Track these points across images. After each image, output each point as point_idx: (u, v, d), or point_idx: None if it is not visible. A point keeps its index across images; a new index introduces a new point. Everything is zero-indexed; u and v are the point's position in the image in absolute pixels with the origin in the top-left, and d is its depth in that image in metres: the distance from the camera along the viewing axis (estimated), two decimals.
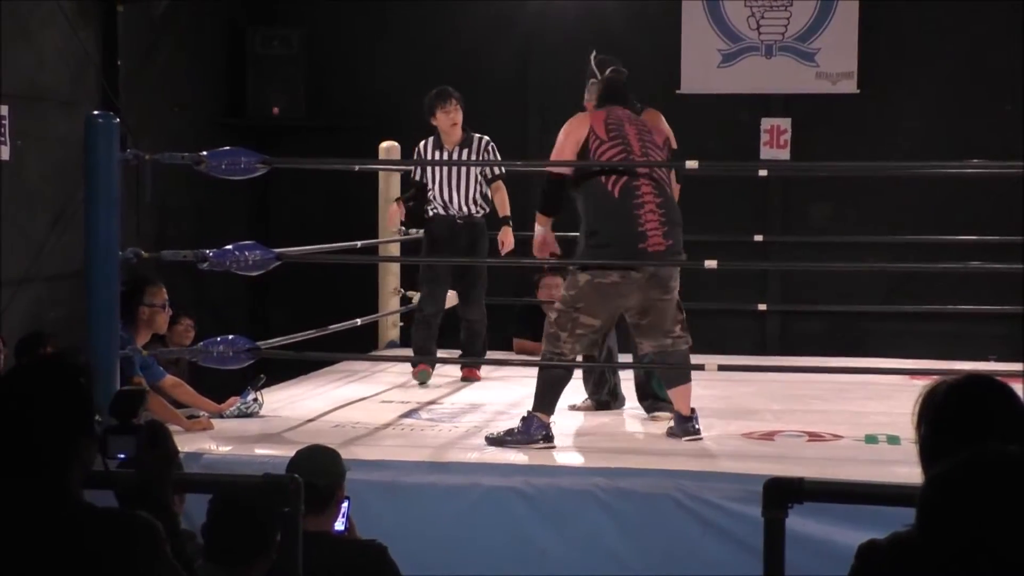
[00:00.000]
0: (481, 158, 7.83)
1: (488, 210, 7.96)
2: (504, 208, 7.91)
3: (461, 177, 7.87)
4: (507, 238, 7.85)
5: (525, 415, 6.00)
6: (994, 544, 1.53)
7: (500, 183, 7.91)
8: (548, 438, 5.93)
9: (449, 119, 7.77)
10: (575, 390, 6.86)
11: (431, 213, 7.97)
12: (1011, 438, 2.33)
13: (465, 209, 7.88)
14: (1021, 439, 2.36)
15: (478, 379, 8.00)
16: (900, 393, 6.44)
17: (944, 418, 2.38)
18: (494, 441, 5.95)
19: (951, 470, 1.61)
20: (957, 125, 9.96)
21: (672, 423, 6.18)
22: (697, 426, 6.10)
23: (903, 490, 1.85)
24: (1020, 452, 1.63)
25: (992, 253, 9.30)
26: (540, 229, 6.39)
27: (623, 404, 6.97)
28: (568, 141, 6.12)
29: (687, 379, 6.12)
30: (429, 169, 7.92)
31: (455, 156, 7.83)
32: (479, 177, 7.89)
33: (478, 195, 7.89)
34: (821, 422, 6.58)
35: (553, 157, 6.20)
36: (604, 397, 6.97)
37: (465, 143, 7.84)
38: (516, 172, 8.62)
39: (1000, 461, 1.60)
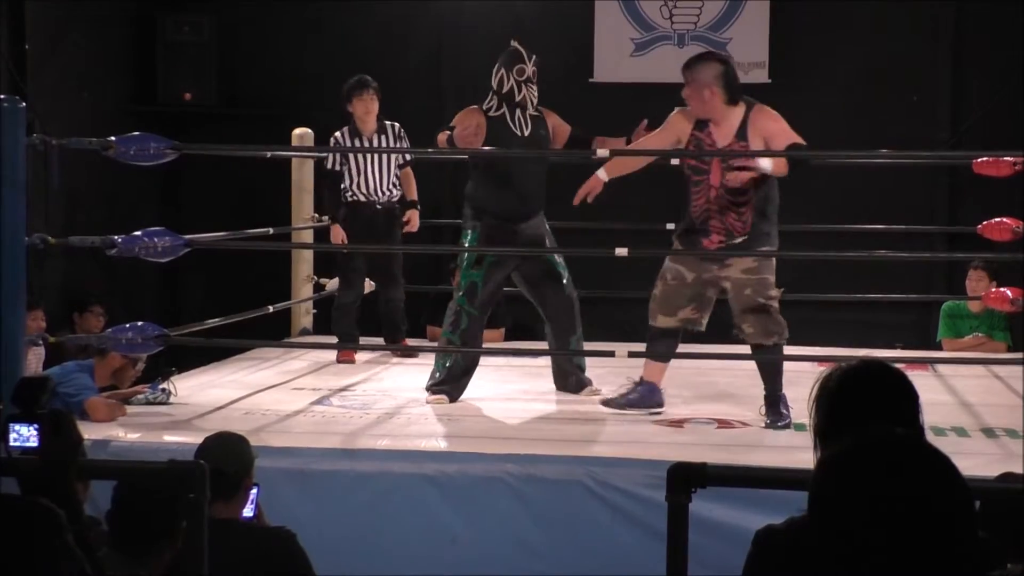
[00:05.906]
0: (397, 144, 8.15)
1: (400, 194, 8.27)
2: (413, 192, 8.31)
3: (382, 164, 8.17)
4: (414, 219, 8.25)
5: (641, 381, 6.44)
6: (879, 524, 1.56)
7: (409, 169, 8.31)
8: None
9: (364, 107, 8.09)
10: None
11: (350, 199, 8.12)
12: (900, 421, 2.38)
13: (384, 194, 8.17)
14: (910, 422, 2.42)
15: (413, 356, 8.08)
16: (808, 380, 6.41)
17: (836, 403, 2.42)
18: (612, 403, 6.45)
19: (838, 453, 1.63)
20: (866, 114, 10.05)
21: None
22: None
23: (802, 474, 1.88)
24: (906, 433, 1.66)
25: (901, 241, 9.42)
26: (604, 175, 6.56)
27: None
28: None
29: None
30: (350, 158, 8.13)
31: (373, 143, 8.12)
32: (395, 163, 8.22)
33: (394, 179, 8.22)
34: (730, 409, 6.64)
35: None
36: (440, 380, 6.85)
37: (380, 130, 8.14)
38: (427, 160, 8.66)
39: (886, 442, 1.63)
